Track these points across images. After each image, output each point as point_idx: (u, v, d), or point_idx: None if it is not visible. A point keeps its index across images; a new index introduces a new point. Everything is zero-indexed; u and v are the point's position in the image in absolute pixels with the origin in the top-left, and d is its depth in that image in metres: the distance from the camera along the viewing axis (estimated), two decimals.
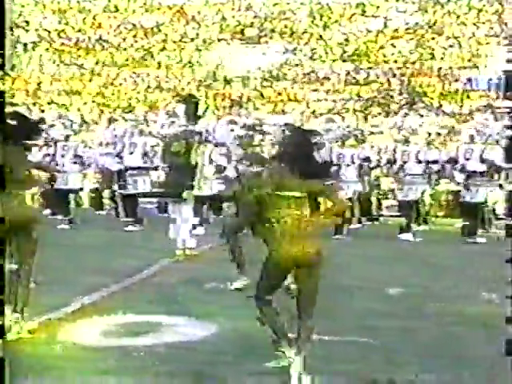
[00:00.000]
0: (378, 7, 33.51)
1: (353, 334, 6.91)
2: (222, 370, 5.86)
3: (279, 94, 30.80)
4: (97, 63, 31.88)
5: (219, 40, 32.77)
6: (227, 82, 31.29)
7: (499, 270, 11.11)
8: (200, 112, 14.43)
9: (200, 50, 32.48)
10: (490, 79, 29.79)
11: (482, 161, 15.48)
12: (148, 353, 6.38)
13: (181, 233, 12.21)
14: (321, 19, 33.51)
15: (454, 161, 16.16)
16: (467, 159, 15.58)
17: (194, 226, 14.10)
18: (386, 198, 20.90)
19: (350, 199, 15.95)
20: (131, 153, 16.73)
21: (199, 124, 14.60)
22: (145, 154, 16.70)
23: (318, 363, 5.71)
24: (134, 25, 33.30)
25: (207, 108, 28.29)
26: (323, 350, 6.21)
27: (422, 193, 16.65)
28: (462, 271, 11.23)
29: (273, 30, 33.30)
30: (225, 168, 15.52)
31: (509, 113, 28.43)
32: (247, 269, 9.30)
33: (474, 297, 8.93)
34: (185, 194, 12.25)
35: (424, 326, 7.39)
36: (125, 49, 32.68)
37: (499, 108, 27.90)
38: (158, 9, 33.70)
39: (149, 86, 31.64)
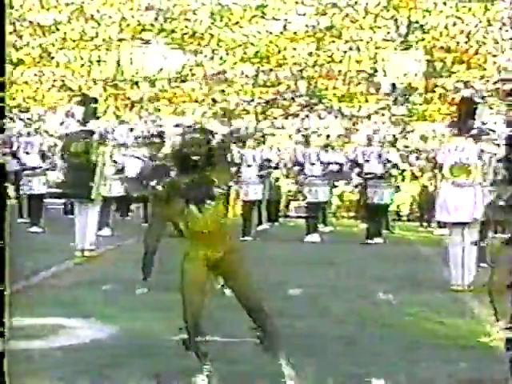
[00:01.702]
0: (278, 10, 33.69)
1: (251, 334, 6.84)
2: (119, 372, 5.70)
3: (181, 95, 30.60)
4: None
5: (119, 40, 32.36)
6: (133, 82, 30.92)
7: (396, 271, 11.30)
8: (98, 112, 14.16)
9: (100, 50, 31.99)
10: (392, 83, 30.30)
11: (381, 162, 15.63)
12: (44, 356, 6.16)
13: (85, 234, 11.93)
14: (221, 21, 33.48)
15: (353, 162, 16.28)
16: (366, 161, 15.71)
17: (100, 228, 13.81)
18: (293, 200, 21.01)
19: (252, 201, 15.89)
20: (27, 153, 16.27)
21: (98, 124, 14.30)
22: (42, 154, 16.28)
23: (216, 365, 5.60)
24: (30, 22, 32.56)
25: (107, 108, 27.89)
26: (222, 352, 6.11)
27: (329, 194, 16.72)
28: (361, 271, 11.33)
29: (173, 31, 33.09)
30: (123, 168, 15.24)
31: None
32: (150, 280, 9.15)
33: (371, 296, 9.02)
34: (93, 195, 11.96)
35: (322, 326, 7.40)
36: (21, 47, 31.91)
37: (395, 115, 28.43)
38: (56, 7, 33.05)
39: (53, 85, 30.97)
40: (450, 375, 5.74)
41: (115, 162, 15.23)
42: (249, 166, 15.91)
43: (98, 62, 31.66)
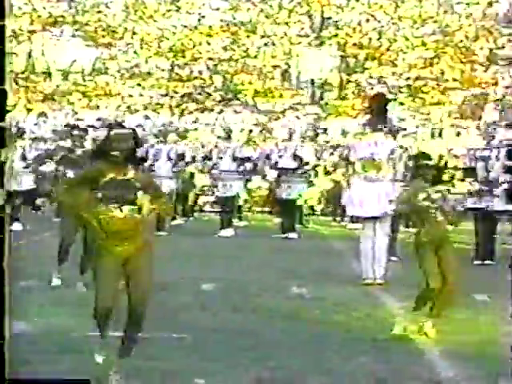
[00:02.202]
0: (192, 4, 33.56)
1: (166, 330, 6.81)
2: (35, 368, 5.60)
3: (95, 88, 30.22)
4: None
5: (30, 32, 31.75)
6: (46, 75, 30.37)
7: (309, 265, 11.42)
8: (9, 106, 13.85)
9: (10, 42, 31.29)
10: (303, 78, 30.49)
11: (295, 158, 15.76)
12: None
13: None
14: (135, 14, 33.17)
15: (267, 158, 16.39)
16: (280, 156, 15.82)
17: (11, 222, 13.52)
18: (208, 195, 20.97)
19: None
20: None
21: (8, 117, 13.98)
22: None
23: (132, 361, 5.56)
24: None
25: (18, 101, 27.35)
26: (136, 348, 6.08)
27: (243, 189, 16.77)
28: (274, 265, 11.41)
29: (86, 24, 32.62)
30: (35, 162, 15.01)
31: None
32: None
33: (284, 290, 9.09)
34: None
35: (235, 320, 7.42)
36: None
37: (307, 114, 28.64)
38: None
39: None
40: (362, 368, 5.82)
41: (25, 156, 14.98)
42: (162, 160, 15.85)
43: (9, 54, 30.98)
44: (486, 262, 11.93)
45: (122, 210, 5.28)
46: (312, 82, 30.38)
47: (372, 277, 9.69)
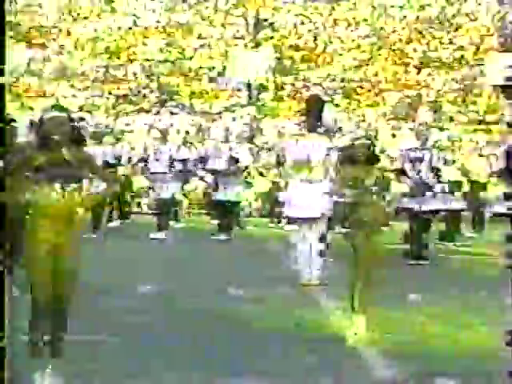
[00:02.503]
0: (127, 5, 33.38)
1: (102, 332, 6.76)
2: None
3: (28, 90, 29.83)
4: None
5: None
6: None
7: (246, 267, 11.43)
8: None
9: None
10: (239, 80, 30.55)
11: (231, 159, 15.78)
12: None
13: None
14: (69, 14, 32.87)
15: (204, 159, 16.37)
16: (217, 157, 15.83)
17: None
18: (145, 197, 20.87)
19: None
20: None
21: None
22: None
23: (66, 364, 5.51)
24: None
25: None
26: (72, 351, 6.02)
27: (180, 190, 16.72)
28: (211, 267, 11.41)
29: (19, 24, 32.20)
30: None
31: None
32: None
33: (220, 292, 9.09)
34: None
35: (171, 323, 7.41)
36: None
37: (244, 115, 28.70)
38: None
39: None
40: (299, 368, 5.85)
41: None
42: (98, 162, 15.71)
43: None
44: (420, 261, 12.10)
45: (59, 190, 5.17)
46: (249, 83, 30.46)
47: (308, 277, 9.75)
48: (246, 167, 18.57)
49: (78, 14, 33.02)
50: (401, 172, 12.51)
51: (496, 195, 15.14)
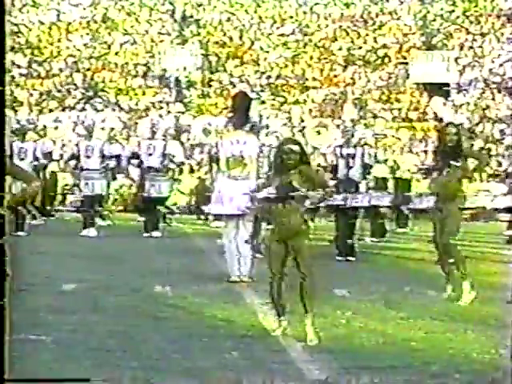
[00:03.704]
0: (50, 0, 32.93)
1: (25, 331, 6.66)
2: None
3: None
4: None
5: None
6: None
7: (173, 264, 11.41)
8: None
9: None
10: (166, 76, 30.42)
11: (163, 156, 15.69)
12: None
13: None
14: None
15: (132, 156, 16.25)
16: (149, 154, 15.72)
17: None
18: (69, 194, 20.62)
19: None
20: None
21: None
22: None
23: None
24: None
25: None
26: None
27: (107, 187, 16.55)
28: (138, 265, 11.35)
29: None
30: None
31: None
32: None
33: (147, 289, 9.04)
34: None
35: (97, 321, 7.34)
36: None
37: (171, 112, 28.56)
38: None
39: None
40: (226, 364, 5.85)
41: None
42: (22, 159, 15.46)
43: None
44: (348, 258, 12.21)
45: None
46: (176, 80, 30.34)
47: (237, 274, 9.75)
48: (182, 163, 18.50)
49: None
50: (331, 168, 12.61)
51: (418, 192, 15.40)
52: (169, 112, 28.78)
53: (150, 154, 15.67)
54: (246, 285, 9.45)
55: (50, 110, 28.43)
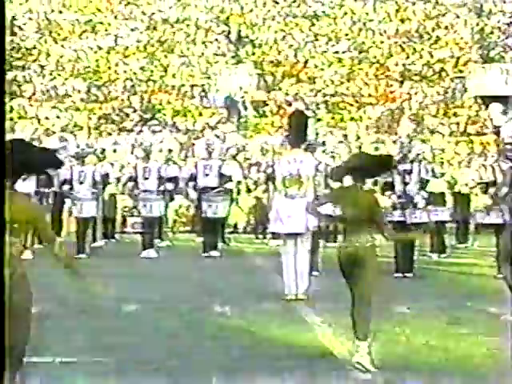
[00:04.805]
0: (108, 24, 33.40)
1: (87, 353, 6.72)
2: None
3: (10, 111, 29.73)
4: None
5: None
6: None
7: (232, 283, 11.42)
8: None
9: None
10: (226, 97, 30.58)
11: (220, 176, 15.75)
12: None
13: None
14: (50, 35, 32.84)
15: (189, 176, 16.34)
16: (206, 175, 15.79)
17: None
18: (129, 216, 20.81)
19: (86, 218, 15.66)
20: None
21: None
22: None
23: None
24: None
25: None
26: (58, 372, 6.00)
27: (165, 209, 16.67)
28: (197, 285, 11.38)
29: None
30: None
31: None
32: None
33: (207, 309, 9.07)
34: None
35: (157, 341, 7.37)
36: None
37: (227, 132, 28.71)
38: None
39: None
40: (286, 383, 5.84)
41: None
42: (81, 183, 15.66)
43: None
44: (406, 274, 12.10)
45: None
46: (231, 100, 30.50)
47: (294, 292, 9.73)
48: (238, 183, 18.54)
49: (59, 35, 33.02)
50: (389, 184, 12.52)
51: (478, 206, 15.18)
52: (225, 132, 28.93)
53: (207, 175, 15.74)
54: (303, 302, 9.43)
55: (109, 134, 28.79)
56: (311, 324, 8.10)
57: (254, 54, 32.36)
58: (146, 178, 15.69)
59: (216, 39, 33.07)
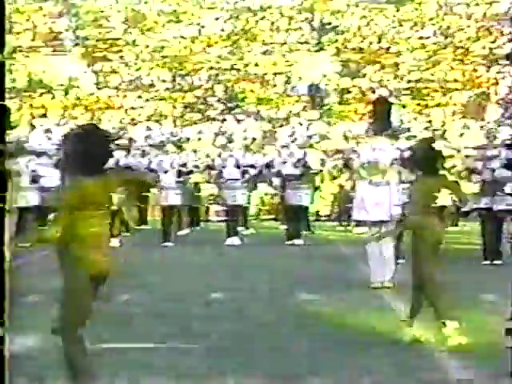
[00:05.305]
0: (192, 14, 33.66)
1: (175, 340, 6.81)
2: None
3: (97, 102, 30.28)
4: None
5: (31, 48, 31.87)
6: (48, 90, 30.45)
7: (317, 271, 11.40)
8: (13, 122, 13.95)
9: (12, 58, 31.44)
10: (309, 85, 30.51)
11: (300, 164, 15.75)
12: None
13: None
14: (135, 26, 33.27)
15: (271, 165, 16.38)
16: (285, 163, 15.81)
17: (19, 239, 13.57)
18: (213, 204, 20.99)
19: (171, 206, 15.82)
20: None
21: (12, 134, 14.08)
22: None
23: (141, 372, 5.55)
24: None
25: (21, 117, 27.41)
26: (147, 358, 6.08)
27: (248, 197, 16.76)
28: (281, 273, 11.39)
29: (86, 38, 32.73)
30: (39, 178, 15.02)
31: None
32: None
33: (292, 297, 9.07)
34: (7, 207, 11.71)
35: (245, 328, 7.41)
36: None
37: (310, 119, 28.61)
38: None
39: None
40: (373, 371, 5.81)
41: (32, 171, 15.00)
42: (165, 171, 15.84)
43: (10, 70, 31.13)
44: (495, 261, 11.90)
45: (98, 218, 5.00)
46: (314, 87, 30.41)
47: (380, 280, 9.67)
48: (321, 171, 18.48)
49: (144, 25, 33.43)
50: (472, 171, 12.33)
51: None
52: (308, 120, 28.87)
53: (289, 163, 15.75)
54: (389, 290, 9.36)
55: (194, 123, 29.04)
56: (398, 312, 8.03)
57: (336, 41, 32.17)
58: (229, 167, 15.78)
59: (300, 27, 33.00)
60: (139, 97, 30.36)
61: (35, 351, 6.64)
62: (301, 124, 27.93)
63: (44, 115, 28.95)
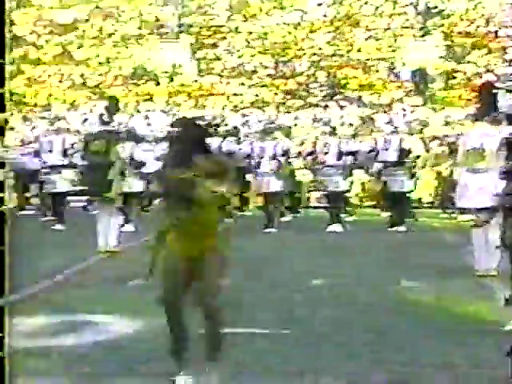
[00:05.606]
0: (295, 0, 33.62)
1: (276, 325, 6.86)
2: (150, 367, 5.72)
3: (200, 88, 30.62)
4: (12, 62, 31.14)
5: (138, 36, 32.42)
6: (152, 78, 30.96)
7: (420, 258, 11.28)
8: (119, 110, 14.23)
9: (118, 46, 32.06)
10: (412, 70, 30.14)
11: (401, 150, 15.61)
12: (71, 353, 6.19)
13: (108, 231, 11.97)
14: (239, 13, 33.45)
15: (371, 151, 16.26)
16: (386, 149, 15.68)
17: (123, 224, 13.92)
18: (314, 190, 20.96)
19: (273, 193, 15.88)
20: (50, 151, 16.34)
21: (118, 122, 14.38)
22: (64, 152, 16.27)
23: (248, 357, 5.62)
24: (50, 21, 32.65)
25: (127, 104, 27.95)
26: (249, 344, 6.14)
27: (349, 183, 16.70)
28: (383, 260, 11.33)
29: (190, 26, 33.09)
30: (144, 164, 15.31)
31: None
32: None
33: (394, 284, 9.01)
34: (112, 193, 12.01)
35: (347, 315, 7.40)
36: (41, 46, 32.02)
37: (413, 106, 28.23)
38: (74, 5, 33.14)
39: (73, 83, 31.05)
40: (477, 360, 5.74)
41: (134, 158, 15.29)
42: (261, 157, 15.90)
43: (117, 58, 31.74)
44: None
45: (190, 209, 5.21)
46: (418, 73, 30.00)
47: (485, 268, 9.51)
48: (418, 157, 18.24)
49: (248, 12, 33.56)
50: None
51: None
52: (412, 106, 28.51)
53: (388, 149, 15.61)
54: (494, 278, 9.20)
55: (297, 109, 29.05)
56: (502, 300, 7.89)
57: (442, 25, 31.60)
58: (328, 153, 15.75)
59: (404, 12, 32.56)
60: (242, 84, 30.54)
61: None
62: (404, 110, 27.61)
63: (149, 101, 29.44)
